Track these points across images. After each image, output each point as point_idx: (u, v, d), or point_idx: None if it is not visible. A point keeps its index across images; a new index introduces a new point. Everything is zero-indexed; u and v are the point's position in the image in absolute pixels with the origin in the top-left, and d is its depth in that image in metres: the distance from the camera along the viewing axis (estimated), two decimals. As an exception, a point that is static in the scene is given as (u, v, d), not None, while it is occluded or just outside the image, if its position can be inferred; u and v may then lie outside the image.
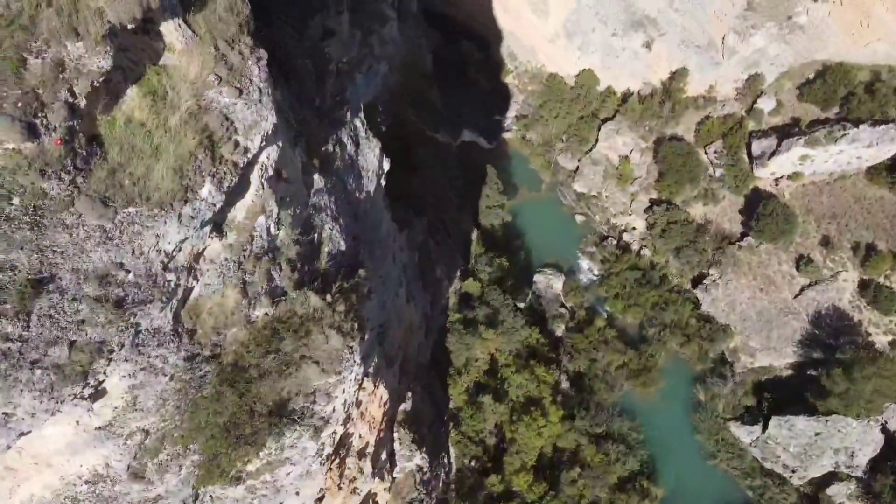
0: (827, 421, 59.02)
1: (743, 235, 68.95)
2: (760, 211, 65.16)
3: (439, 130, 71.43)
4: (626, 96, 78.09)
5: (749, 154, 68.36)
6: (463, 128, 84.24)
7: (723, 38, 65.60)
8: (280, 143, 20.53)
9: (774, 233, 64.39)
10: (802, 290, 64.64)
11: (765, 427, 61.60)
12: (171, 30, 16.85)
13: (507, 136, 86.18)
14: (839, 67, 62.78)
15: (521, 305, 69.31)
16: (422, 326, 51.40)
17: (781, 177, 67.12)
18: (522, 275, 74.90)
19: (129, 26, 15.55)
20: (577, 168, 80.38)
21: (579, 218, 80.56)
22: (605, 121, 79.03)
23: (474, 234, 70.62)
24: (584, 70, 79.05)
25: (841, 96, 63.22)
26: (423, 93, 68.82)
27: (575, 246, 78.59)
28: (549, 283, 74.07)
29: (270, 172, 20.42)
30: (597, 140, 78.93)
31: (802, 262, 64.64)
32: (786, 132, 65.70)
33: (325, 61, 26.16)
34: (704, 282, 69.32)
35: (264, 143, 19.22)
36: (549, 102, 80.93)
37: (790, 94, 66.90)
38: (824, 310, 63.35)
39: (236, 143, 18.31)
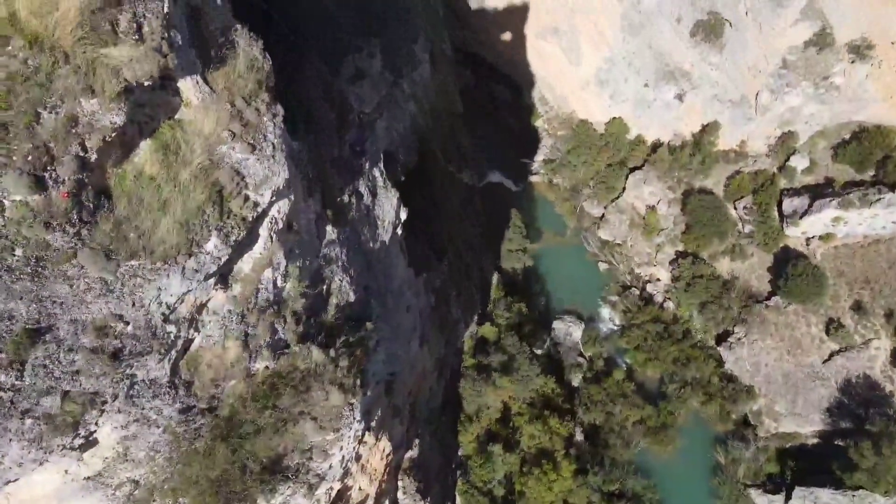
0: (853, 496, 56.25)
1: (771, 294, 67.13)
2: (790, 271, 63.47)
3: (465, 172, 71.58)
4: (655, 146, 77.57)
5: (780, 212, 66.95)
6: (490, 169, 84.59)
7: (756, 95, 64.93)
8: (292, 197, 20.49)
9: (804, 294, 62.54)
10: (832, 355, 62.39)
11: (788, 497, 58.94)
12: (188, 86, 17.00)
13: (533, 179, 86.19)
14: (877, 130, 61.49)
15: (539, 352, 68.21)
16: (435, 370, 50.69)
17: (813, 237, 65.48)
18: (542, 320, 73.95)
19: (146, 83, 15.69)
20: (603, 215, 79.69)
21: (603, 266, 79.53)
22: (633, 170, 78.48)
23: (494, 278, 70.08)
24: (614, 118, 78.93)
25: (877, 159, 61.74)
26: (451, 134, 69.16)
27: (597, 294, 77.47)
28: (569, 330, 72.93)
29: (280, 225, 20.33)
30: (624, 188, 78.31)
31: (832, 326, 62.53)
32: (819, 192, 64.30)
33: (347, 110, 26.27)
34: (729, 339, 67.45)
35: (275, 197, 19.17)
36: (578, 148, 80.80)
37: (824, 154, 65.65)
38: (854, 378, 60.95)
39: (246, 198, 18.28)
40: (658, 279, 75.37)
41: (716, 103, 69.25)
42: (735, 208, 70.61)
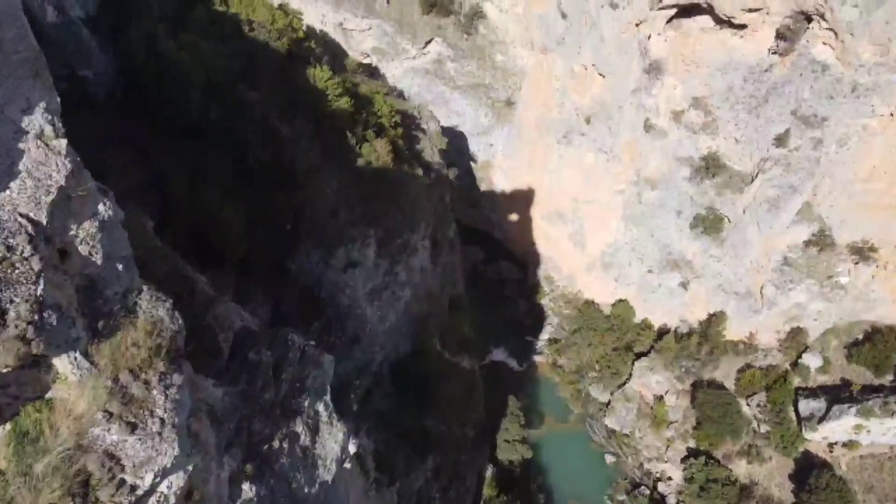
0: None
1: (795, 507, 60.68)
2: (813, 482, 57.72)
3: (464, 356, 69.24)
4: (662, 332, 75.14)
5: (797, 413, 62.40)
6: (492, 347, 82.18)
7: (761, 288, 63.30)
8: (190, 468, 18.29)
9: (831, 512, 56.29)
10: (871, 587, 54.74)
11: None
12: (64, 363, 15.52)
13: (537, 358, 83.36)
14: (890, 332, 58.58)
15: (536, 561, 61.35)
16: None
17: (835, 443, 60.24)
18: (543, 519, 67.62)
19: (5, 370, 14.26)
20: (609, 402, 75.57)
21: (609, 458, 74.09)
22: (639, 355, 75.49)
23: (488, 472, 64.97)
24: (619, 300, 77.58)
25: (894, 363, 58.21)
26: (450, 317, 67.81)
27: (603, 491, 71.36)
28: (572, 535, 66.17)
29: (173, 500, 17.93)
30: (630, 374, 74.90)
31: (868, 552, 55.51)
32: (836, 395, 60.10)
33: (287, 348, 24.96)
34: (753, 559, 60.14)
35: (159, 478, 16.97)
36: (583, 330, 78.78)
37: (838, 353, 62.31)
38: None
39: (121, 483, 16.00)
40: (670, 478, 69.40)
41: (721, 293, 67.63)
42: (748, 405, 66.23)
